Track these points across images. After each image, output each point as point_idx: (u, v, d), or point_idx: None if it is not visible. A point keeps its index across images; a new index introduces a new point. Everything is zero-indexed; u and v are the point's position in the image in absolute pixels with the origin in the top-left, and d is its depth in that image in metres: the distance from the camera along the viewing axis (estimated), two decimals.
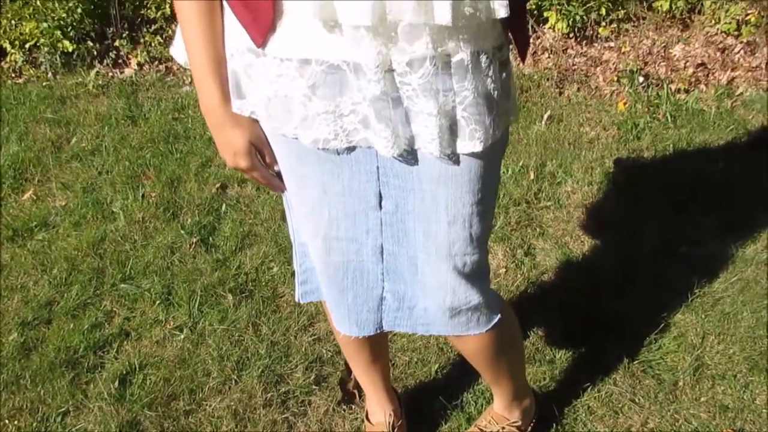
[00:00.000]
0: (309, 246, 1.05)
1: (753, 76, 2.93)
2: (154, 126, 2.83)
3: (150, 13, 3.38)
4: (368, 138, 0.86)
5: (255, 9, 0.81)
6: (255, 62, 0.86)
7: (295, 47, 0.82)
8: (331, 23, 0.78)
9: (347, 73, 0.81)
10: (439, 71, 0.80)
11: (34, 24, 3.13)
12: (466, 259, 0.97)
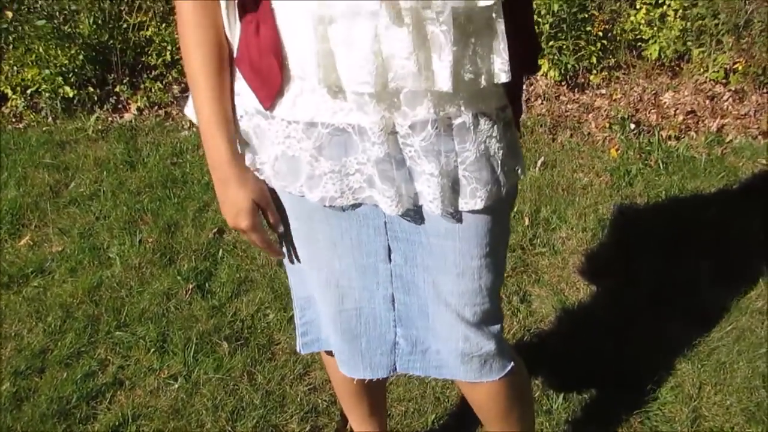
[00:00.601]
0: (318, 298, 1.06)
1: (742, 123, 2.99)
2: (153, 171, 2.86)
3: (151, 60, 3.45)
4: (373, 196, 0.89)
5: (264, 74, 0.84)
6: (263, 123, 0.89)
7: (301, 111, 0.85)
8: (336, 89, 0.80)
9: (352, 135, 0.84)
10: (441, 133, 0.83)
11: (36, 70, 3.18)
12: (477, 309, 0.98)
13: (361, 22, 0.74)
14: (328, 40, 0.76)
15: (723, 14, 3.19)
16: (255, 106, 0.89)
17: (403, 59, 0.75)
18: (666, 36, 3.31)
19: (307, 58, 0.79)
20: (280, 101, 0.86)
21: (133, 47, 3.45)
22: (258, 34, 0.83)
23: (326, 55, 0.77)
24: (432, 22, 0.74)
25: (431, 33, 0.75)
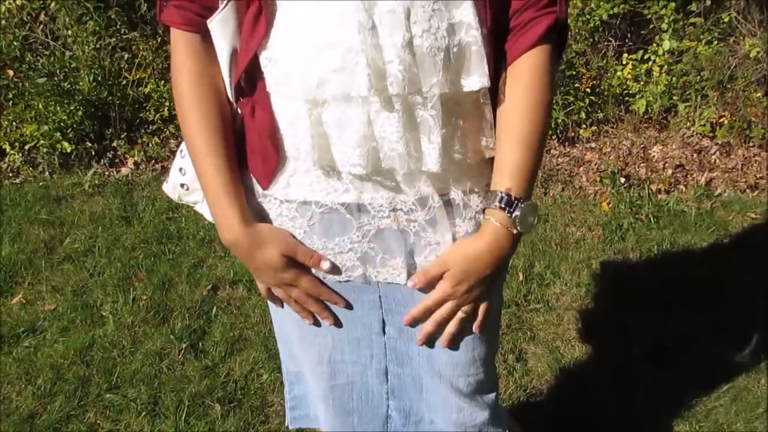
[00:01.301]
0: (309, 374, 1.05)
1: (730, 177, 3.05)
2: (148, 226, 2.87)
3: (148, 115, 3.51)
4: (366, 274, 0.90)
5: (262, 154, 0.86)
6: (254, 202, 0.90)
7: (295, 191, 0.87)
8: (329, 170, 0.82)
9: (345, 215, 0.86)
10: (441, 207, 0.85)
11: (34, 126, 3.22)
12: (471, 379, 0.97)
13: (354, 106, 0.76)
14: (322, 124, 0.79)
15: (706, 71, 3.29)
16: (247, 185, 0.90)
17: (393, 142, 0.77)
18: (652, 91, 3.40)
19: (302, 140, 0.81)
20: (275, 181, 0.87)
21: (131, 103, 3.51)
22: (254, 117, 0.85)
23: (320, 138, 0.79)
24: (421, 107, 0.77)
25: (420, 117, 0.78)
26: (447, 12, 0.74)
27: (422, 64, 0.74)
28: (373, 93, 0.74)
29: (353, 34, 0.72)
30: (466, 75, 0.77)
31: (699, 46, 3.33)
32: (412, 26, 0.73)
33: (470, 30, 0.75)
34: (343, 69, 0.74)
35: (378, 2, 0.72)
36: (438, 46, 0.74)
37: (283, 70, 0.79)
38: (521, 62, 0.80)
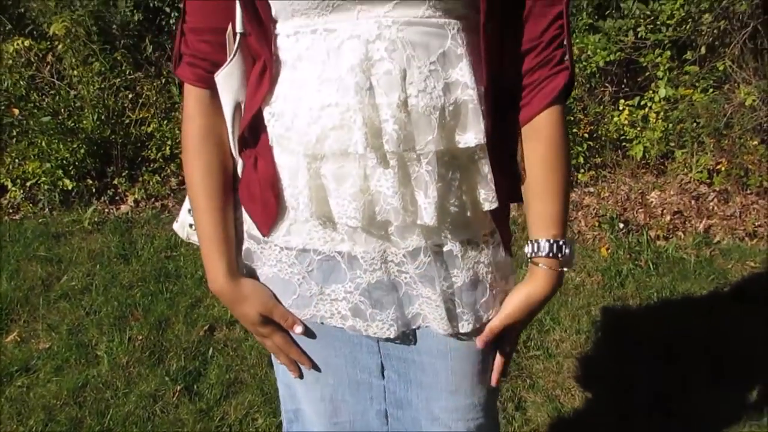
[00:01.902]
0: (311, 412, 1.04)
1: (728, 224, 3.06)
2: (146, 264, 2.86)
3: (150, 153, 3.54)
4: (356, 326, 0.90)
5: (263, 204, 0.88)
6: (256, 248, 0.92)
7: (295, 238, 0.88)
8: (326, 220, 0.84)
9: (341, 264, 0.87)
10: (433, 260, 0.85)
11: (37, 164, 3.25)
12: (470, 423, 0.97)
13: (351, 161, 0.78)
14: (320, 177, 0.80)
15: (702, 118, 3.34)
16: (250, 231, 0.92)
17: (389, 197, 0.79)
18: (649, 137, 3.44)
19: (301, 191, 0.82)
20: (275, 229, 0.89)
21: (133, 141, 3.55)
22: (256, 168, 0.88)
23: (318, 190, 0.81)
24: (416, 163, 0.78)
25: (416, 172, 0.79)
26: (443, 72, 0.76)
27: (418, 122, 0.76)
28: (369, 150, 0.76)
29: (351, 95, 0.74)
30: (462, 132, 0.79)
31: (695, 93, 3.39)
32: (408, 87, 0.75)
33: (466, 89, 0.77)
34: (341, 127, 0.76)
35: (376, 63, 0.74)
36: (434, 105, 0.76)
37: (286, 125, 0.81)
38: (539, 120, 0.84)
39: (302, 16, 0.77)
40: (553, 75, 0.82)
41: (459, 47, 0.76)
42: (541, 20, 0.80)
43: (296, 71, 0.79)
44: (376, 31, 0.74)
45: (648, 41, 3.52)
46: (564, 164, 0.86)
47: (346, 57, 0.75)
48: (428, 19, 0.75)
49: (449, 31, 0.76)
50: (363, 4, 0.74)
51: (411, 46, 0.75)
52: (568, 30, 0.81)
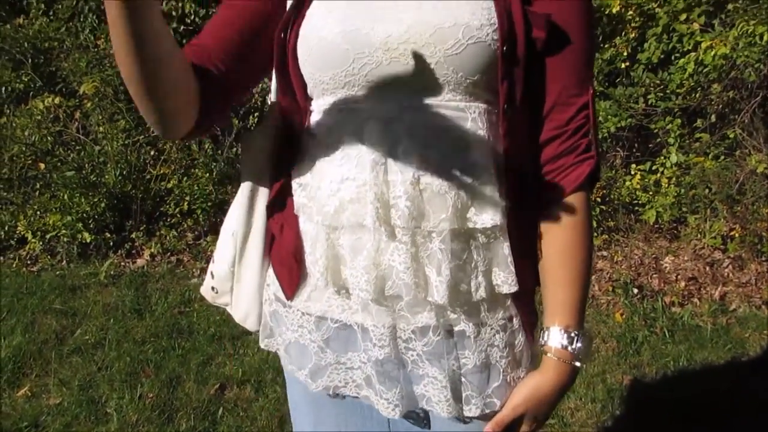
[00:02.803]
0: None
1: (744, 292, 3.04)
2: (160, 320, 2.87)
3: (168, 208, 3.60)
4: (369, 397, 0.90)
5: (289, 268, 0.91)
6: (281, 311, 0.94)
7: (314, 305, 0.90)
8: (342, 290, 0.85)
9: (356, 333, 0.88)
10: (442, 339, 0.84)
11: (58, 217, 3.31)
12: None
13: (366, 233, 0.80)
14: (337, 247, 0.83)
15: (714, 185, 3.36)
16: (277, 294, 0.94)
17: (400, 272, 0.80)
18: (661, 201, 3.46)
19: (318, 260, 0.85)
20: (298, 294, 0.91)
21: (153, 197, 3.62)
22: (282, 235, 0.91)
23: (335, 260, 0.83)
24: (429, 240, 0.79)
25: (429, 250, 0.80)
26: (461, 153, 0.78)
27: (431, 200, 0.77)
28: (379, 225, 0.78)
29: (368, 170, 0.77)
30: (479, 212, 0.79)
31: (706, 161, 3.42)
32: (424, 165, 0.77)
33: (484, 171, 0.78)
34: (357, 201, 0.79)
35: (395, 142, 0.77)
36: (449, 185, 0.77)
37: (309, 195, 0.85)
38: (561, 207, 0.83)
39: (331, 94, 0.81)
40: (579, 163, 0.82)
41: (479, 130, 0.78)
42: (567, 109, 0.81)
43: (322, 145, 0.83)
44: (397, 113, 0.77)
45: (658, 108, 3.59)
46: (585, 252, 0.84)
47: (367, 135, 0.78)
48: (449, 103, 0.77)
49: (470, 114, 0.78)
50: (386, 87, 0.77)
51: (430, 128, 0.77)
52: (593, 120, 0.82)
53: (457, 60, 0.75)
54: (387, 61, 0.76)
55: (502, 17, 0.75)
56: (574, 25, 0.79)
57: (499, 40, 0.75)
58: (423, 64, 0.75)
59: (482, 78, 0.76)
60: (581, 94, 0.81)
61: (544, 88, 0.81)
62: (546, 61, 0.80)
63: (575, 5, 0.80)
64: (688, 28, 3.45)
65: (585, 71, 0.82)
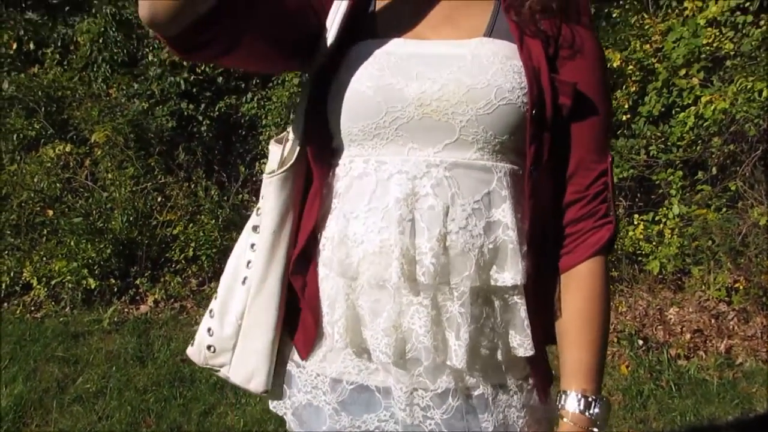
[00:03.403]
0: None
1: (750, 345, 3.01)
2: (162, 368, 2.85)
3: (173, 255, 3.62)
4: None
5: (304, 327, 0.90)
6: (294, 371, 0.93)
7: (330, 366, 0.89)
8: (361, 351, 0.85)
9: (375, 394, 0.87)
10: (462, 404, 0.85)
11: (63, 263, 3.33)
12: None
13: (386, 295, 0.81)
14: (356, 308, 0.83)
15: (717, 237, 3.37)
16: (290, 355, 0.93)
17: (420, 335, 0.80)
18: (665, 252, 3.46)
19: (337, 320, 0.85)
20: (313, 354, 0.90)
21: (158, 243, 3.64)
22: (304, 292, 0.90)
23: (354, 321, 0.83)
24: (450, 301, 0.80)
25: (450, 312, 0.80)
26: (486, 211, 0.79)
27: (455, 258, 0.78)
28: (403, 281, 0.78)
29: (394, 225, 0.78)
30: (500, 271, 0.81)
31: (708, 213, 3.44)
32: (449, 223, 0.78)
33: (507, 230, 0.80)
34: (380, 254, 0.79)
35: (421, 198, 0.78)
36: (473, 243, 0.78)
37: (332, 248, 0.84)
38: (580, 270, 0.84)
39: (358, 146, 0.82)
40: (598, 228, 0.84)
41: (504, 189, 0.80)
42: (587, 174, 0.84)
43: (347, 197, 0.83)
44: (424, 168, 0.79)
45: (660, 160, 3.63)
46: (603, 317, 0.85)
47: (393, 190, 0.79)
48: (475, 162, 0.79)
49: (495, 173, 0.80)
50: (415, 142, 0.79)
51: (456, 185, 0.78)
52: (612, 186, 0.85)
53: (488, 120, 0.77)
54: (419, 116, 0.78)
55: (532, 82, 0.78)
56: (595, 95, 0.83)
57: (528, 103, 0.78)
58: (454, 122, 0.78)
59: (510, 138, 0.79)
60: (601, 160, 0.84)
61: (567, 152, 0.83)
62: (569, 126, 0.83)
63: (596, 76, 0.83)
64: (687, 83, 3.52)
65: (604, 139, 0.85)
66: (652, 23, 3.69)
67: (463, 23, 0.83)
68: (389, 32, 0.84)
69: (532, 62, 0.78)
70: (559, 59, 0.82)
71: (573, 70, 0.81)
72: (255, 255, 0.90)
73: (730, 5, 3.42)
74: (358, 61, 0.81)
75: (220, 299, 0.93)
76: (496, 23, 0.83)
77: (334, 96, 0.82)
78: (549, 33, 0.80)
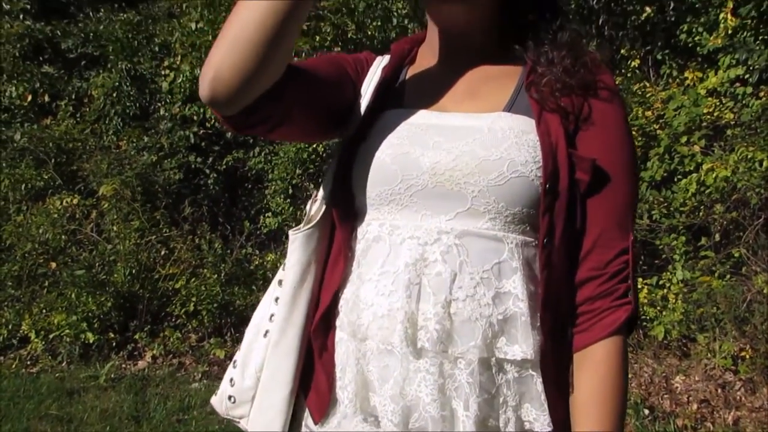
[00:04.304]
0: None
1: (757, 417, 2.95)
2: (157, 428, 2.79)
3: (174, 309, 3.59)
4: None
5: (317, 389, 0.90)
6: None
7: None
8: (372, 418, 0.84)
9: None
10: None
11: (63, 316, 3.30)
12: None
13: (394, 360, 0.80)
14: (365, 373, 0.83)
15: (721, 304, 3.35)
16: (304, 418, 0.92)
17: (427, 404, 0.79)
18: (669, 318, 3.43)
19: (347, 385, 0.85)
20: (327, 421, 0.89)
21: (159, 296, 3.62)
22: (321, 354, 0.90)
23: (363, 386, 0.83)
24: (458, 370, 0.79)
25: (458, 382, 0.79)
26: (496, 282, 0.79)
27: (461, 326, 0.78)
28: (406, 345, 0.78)
29: (402, 290, 0.79)
30: (511, 343, 0.79)
31: (713, 280, 3.43)
32: (456, 290, 0.78)
33: (517, 301, 0.79)
34: (387, 317, 0.80)
35: (430, 264, 0.79)
36: (480, 312, 0.78)
37: (346, 310, 0.85)
38: (596, 350, 0.81)
39: (375, 210, 0.84)
40: (615, 308, 0.81)
41: (515, 260, 0.79)
42: (606, 252, 0.81)
43: (364, 260, 0.84)
44: (435, 235, 0.80)
45: (663, 225, 3.65)
46: (619, 398, 0.81)
47: (404, 254, 0.80)
48: (486, 231, 0.79)
49: (507, 244, 0.79)
50: (428, 209, 0.81)
51: (465, 253, 0.79)
52: (633, 266, 0.82)
53: (500, 191, 0.78)
54: (432, 184, 0.80)
55: (547, 156, 0.78)
56: (617, 171, 0.82)
57: (542, 177, 0.78)
58: (466, 191, 0.79)
59: (522, 210, 0.79)
60: (622, 238, 0.82)
61: (584, 227, 0.82)
62: (588, 202, 0.82)
63: (619, 152, 0.83)
64: (689, 150, 3.57)
65: (626, 216, 0.83)
66: (654, 91, 3.77)
67: (484, 98, 0.86)
68: (415, 103, 0.87)
69: (550, 137, 0.79)
70: (579, 134, 0.82)
71: (594, 146, 0.81)
72: (277, 308, 0.91)
73: (730, 76, 3.50)
74: (383, 130, 0.85)
75: (243, 350, 0.94)
76: (518, 99, 0.85)
77: (358, 162, 0.85)
78: (569, 109, 0.81)
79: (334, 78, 0.87)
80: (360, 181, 0.84)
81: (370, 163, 0.83)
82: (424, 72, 0.91)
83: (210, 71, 0.74)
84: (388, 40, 4.19)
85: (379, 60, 0.94)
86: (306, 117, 0.84)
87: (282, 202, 4.39)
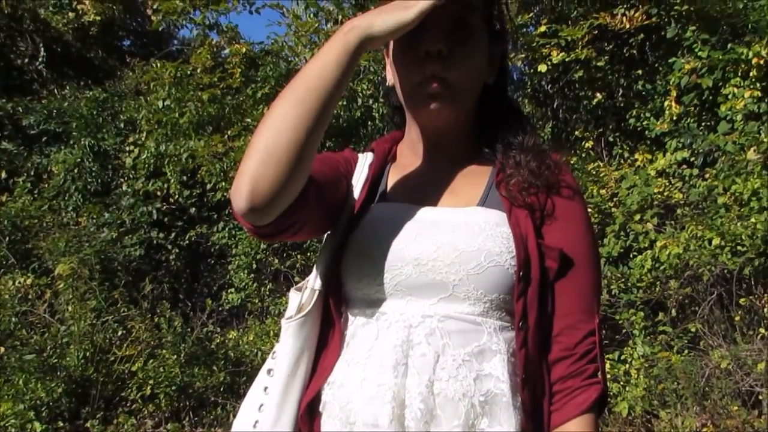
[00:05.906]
0: None
1: None
2: None
3: (130, 393, 3.45)
4: None
5: None
6: None
7: None
8: None
9: None
10: None
11: (9, 405, 3.13)
12: None
13: None
14: None
15: (681, 380, 3.39)
16: None
17: None
18: (632, 393, 3.45)
19: None
20: None
21: (114, 380, 3.48)
22: None
23: None
24: None
25: None
26: (477, 364, 0.83)
27: (444, 406, 0.81)
28: (395, 425, 0.80)
29: (389, 371, 0.82)
30: (493, 423, 0.82)
31: (672, 355, 3.49)
32: (439, 371, 0.82)
33: (498, 382, 0.83)
34: (376, 398, 0.82)
35: (414, 346, 0.83)
36: (463, 392, 0.81)
37: (334, 393, 0.87)
38: (569, 428, 0.85)
39: (363, 297, 0.89)
40: (585, 387, 0.85)
41: (494, 344, 0.84)
42: (575, 333, 0.87)
43: (351, 345, 0.88)
44: (419, 318, 0.84)
45: (621, 300, 3.73)
46: None
47: (390, 337, 0.84)
48: (467, 316, 0.84)
49: (486, 328, 0.85)
50: (412, 295, 0.86)
51: (448, 336, 0.83)
52: (600, 347, 0.88)
53: (478, 279, 0.84)
54: (416, 274, 0.85)
55: (519, 247, 0.85)
56: (581, 259, 0.89)
57: (516, 265, 0.85)
58: (447, 280, 0.84)
59: (499, 297, 0.85)
60: (588, 320, 0.87)
61: (554, 310, 0.88)
62: (556, 287, 0.88)
63: (581, 241, 0.90)
64: (642, 227, 3.71)
65: (592, 301, 0.89)
66: (607, 171, 3.94)
67: (460, 193, 0.93)
68: (400, 197, 0.94)
69: (520, 229, 0.87)
70: (545, 227, 0.90)
71: (559, 237, 0.89)
72: (267, 398, 0.92)
73: (677, 159, 3.69)
74: (371, 223, 0.90)
75: None
76: (489, 195, 0.92)
77: (348, 252, 0.89)
78: (535, 206, 0.89)
79: (333, 176, 0.93)
80: (347, 271, 0.89)
81: (360, 254, 0.88)
82: (407, 169, 0.98)
83: (247, 184, 0.77)
84: (353, 119, 4.32)
85: (363, 157, 1.00)
86: (321, 215, 0.90)
87: (246, 277, 4.34)
